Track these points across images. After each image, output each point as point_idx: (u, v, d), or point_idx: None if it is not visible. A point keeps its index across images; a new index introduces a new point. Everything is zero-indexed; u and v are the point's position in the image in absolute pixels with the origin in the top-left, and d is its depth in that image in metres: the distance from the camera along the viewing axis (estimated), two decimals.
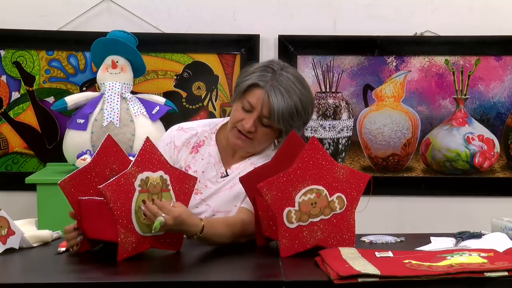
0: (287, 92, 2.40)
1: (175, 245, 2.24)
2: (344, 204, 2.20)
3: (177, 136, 2.59)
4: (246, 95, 2.44)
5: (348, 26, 3.73)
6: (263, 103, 2.40)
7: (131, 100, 3.40)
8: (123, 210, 2.13)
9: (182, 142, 2.57)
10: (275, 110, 2.39)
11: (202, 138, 2.58)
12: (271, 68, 2.44)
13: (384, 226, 3.54)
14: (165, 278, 2.03)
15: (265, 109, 2.41)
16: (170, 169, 2.21)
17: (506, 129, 3.77)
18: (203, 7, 3.72)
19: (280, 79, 2.41)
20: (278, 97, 2.39)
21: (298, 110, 2.41)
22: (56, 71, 3.71)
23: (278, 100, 2.39)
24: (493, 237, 2.32)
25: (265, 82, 2.41)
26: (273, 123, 2.41)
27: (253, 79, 2.43)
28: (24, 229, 2.34)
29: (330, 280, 1.93)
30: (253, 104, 2.42)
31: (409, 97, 3.76)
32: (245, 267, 2.18)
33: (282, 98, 2.39)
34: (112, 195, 2.11)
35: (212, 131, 2.59)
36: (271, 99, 2.39)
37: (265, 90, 2.40)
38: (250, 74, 2.46)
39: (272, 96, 2.39)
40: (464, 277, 1.91)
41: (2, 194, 3.67)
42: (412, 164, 3.79)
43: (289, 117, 2.40)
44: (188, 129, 2.61)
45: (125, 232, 2.13)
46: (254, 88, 2.43)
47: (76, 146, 3.35)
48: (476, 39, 3.72)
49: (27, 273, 2.15)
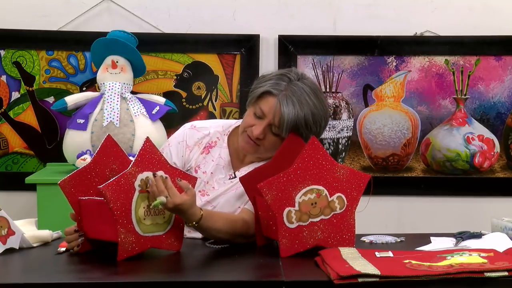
0: (299, 103, 2.37)
1: (175, 245, 2.24)
2: (344, 204, 2.20)
3: (190, 135, 2.58)
4: (259, 101, 2.42)
5: (348, 26, 3.73)
6: (275, 112, 2.38)
7: (131, 100, 3.40)
8: (123, 210, 2.13)
9: (194, 142, 2.57)
10: (284, 119, 2.36)
11: (214, 139, 2.57)
12: (287, 77, 2.42)
13: (384, 226, 3.54)
14: (165, 278, 2.03)
15: (276, 117, 2.38)
16: (171, 169, 2.21)
17: (506, 129, 3.78)
18: (203, 7, 3.72)
19: (295, 89, 2.38)
20: (289, 107, 2.36)
21: (307, 122, 2.38)
22: (56, 71, 3.71)
23: (289, 110, 2.36)
24: (493, 237, 2.32)
25: (279, 91, 2.39)
26: (281, 133, 2.39)
27: (267, 87, 2.41)
28: (24, 229, 2.34)
29: (330, 280, 1.93)
30: (265, 112, 2.40)
31: (409, 97, 3.76)
32: (245, 267, 2.18)
33: (293, 108, 2.36)
34: (112, 195, 2.11)
35: (224, 133, 2.58)
36: (282, 108, 2.36)
37: (278, 99, 2.38)
38: (266, 81, 2.44)
39: (284, 105, 2.36)
40: (464, 277, 1.91)
41: (2, 194, 3.67)
42: (412, 164, 3.79)
43: (296, 128, 2.38)
44: (201, 128, 2.60)
45: (125, 232, 2.13)
46: (267, 95, 2.40)
47: (76, 146, 3.35)
48: (476, 39, 3.72)
49: (27, 273, 2.15)
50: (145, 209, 2.18)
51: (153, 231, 2.20)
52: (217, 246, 2.33)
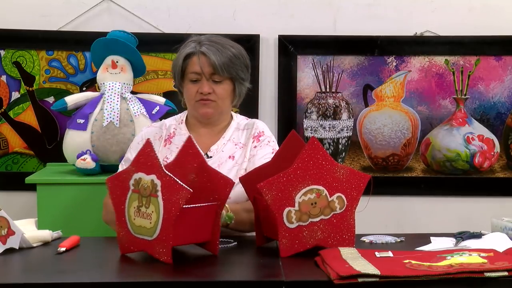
0: (217, 44, 2.64)
1: (164, 253, 2.11)
2: (344, 204, 2.20)
3: (147, 133, 2.75)
4: (187, 69, 2.65)
5: (348, 26, 3.73)
6: (205, 64, 2.62)
7: (131, 100, 3.40)
8: (119, 205, 2.17)
9: (153, 137, 2.70)
10: (216, 63, 2.60)
11: (172, 130, 2.74)
12: (192, 41, 2.67)
13: (384, 226, 3.54)
14: (165, 278, 2.03)
15: (209, 68, 2.62)
16: (164, 175, 2.09)
17: (506, 129, 3.78)
18: (203, 7, 3.72)
19: (204, 40, 2.66)
20: (212, 51, 2.61)
21: (235, 54, 2.64)
22: (56, 71, 3.71)
23: (215, 53, 2.61)
24: (493, 237, 2.32)
25: (194, 49, 2.64)
26: (222, 76, 2.63)
27: (184, 54, 2.65)
28: (24, 229, 2.34)
29: (330, 280, 1.93)
30: (197, 71, 2.63)
31: (409, 97, 3.76)
32: (245, 267, 2.18)
33: (216, 50, 2.62)
34: (112, 188, 2.14)
35: (179, 122, 2.77)
36: (209, 56, 2.61)
37: (199, 53, 2.62)
38: (177, 57, 2.69)
39: (209, 54, 2.61)
40: (464, 277, 1.91)
41: (2, 194, 3.67)
42: (412, 164, 3.79)
43: (231, 63, 2.62)
44: (156, 124, 2.83)
45: (122, 228, 2.17)
46: (189, 59, 2.65)
47: (76, 146, 3.35)
48: (476, 39, 3.72)
49: (27, 273, 2.15)
50: (135, 209, 2.16)
51: (142, 234, 2.15)
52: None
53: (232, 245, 2.34)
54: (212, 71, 2.62)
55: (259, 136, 2.71)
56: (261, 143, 2.70)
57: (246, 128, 2.74)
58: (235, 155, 2.68)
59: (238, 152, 2.69)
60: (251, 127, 2.74)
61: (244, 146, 2.70)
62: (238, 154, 2.69)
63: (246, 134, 2.73)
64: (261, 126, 2.75)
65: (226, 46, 2.65)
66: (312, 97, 3.75)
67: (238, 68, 2.65)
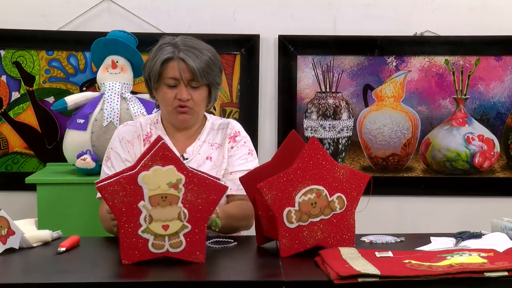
0: (194, 49, 2.59)
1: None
2: (344, 204, 2.20)
3: (125, 131, 2.73)
4: (164, 74, 2.60)
5: (348, 26, 3.73)
6: (183, 70, 2.58)
7: (131, 100, 3.40)
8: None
9: (132, 136, 2.71)
10: (195, 70, 2.57)
11: (148, 130, 2.72)
12: (167, 45, 2.62)
13: (384, 226, 3.54)
14: (165, 278, 2.03)
15: (188, 73, 2.58)
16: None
17: (506, 129, 3.78)
18: (203, 7, 3.72)
19: (183, 47, 2.59)
20: (192, 57, 2.57)
21: (211, 59, 2.61)
22: (56, 71, 3.71)
23: (194, 59, 2.57)
24: (493, 237, 2.32)
25: (173, 54, 2.59)
26: (200, 82, 2.59)
27: (161, 58, 2.60)
28: (24, 229, 2.34)
29: (330, 280, 1.93)
30: (176, 76, 2.59)
31: (409, 97, 3.76)
32: (245, 267, 2.18)
33: (195, 57, 2.58)
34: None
35: (153, 122, 2.74)
36: (188, 62, 2.57)
37: (178, 59, 2.58)
38: (153, 59, 2.62)
39: (187, 59, 2.57)
40: (464, 277, 1.91)
41: (2, 194, 3.67)
42: (412, 164, 3.79)
43: (209, 69, 2.59)
44: (131, 123, 2.78)
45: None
46: (166, 63, 2.59)
47: (76, 146, 3.35)
48: (476, 39, 3.72)
49: (27, 273, 2.15)
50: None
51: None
52: (217, 246, 2.33)
53: (232, 245, 2.34)
54: (191, 77, 2.59)
55: (235, 136, 2.72)
56: (237, 143, 2.71)
57: (221, 128, 2.75)
58: (212, 156, 2.69)
59: (215, 153, 2.70)
60: (226, 127, 2.74)
61: (220, 146, 2.71)
62: (215, 155, 2.70)
63: (221, 134, 2.74)
64: (237, 126, 2.76)
65: (203, 51, 2.61)
66: (312, 97, 3.75)
67: (215, 74, 2.63)
